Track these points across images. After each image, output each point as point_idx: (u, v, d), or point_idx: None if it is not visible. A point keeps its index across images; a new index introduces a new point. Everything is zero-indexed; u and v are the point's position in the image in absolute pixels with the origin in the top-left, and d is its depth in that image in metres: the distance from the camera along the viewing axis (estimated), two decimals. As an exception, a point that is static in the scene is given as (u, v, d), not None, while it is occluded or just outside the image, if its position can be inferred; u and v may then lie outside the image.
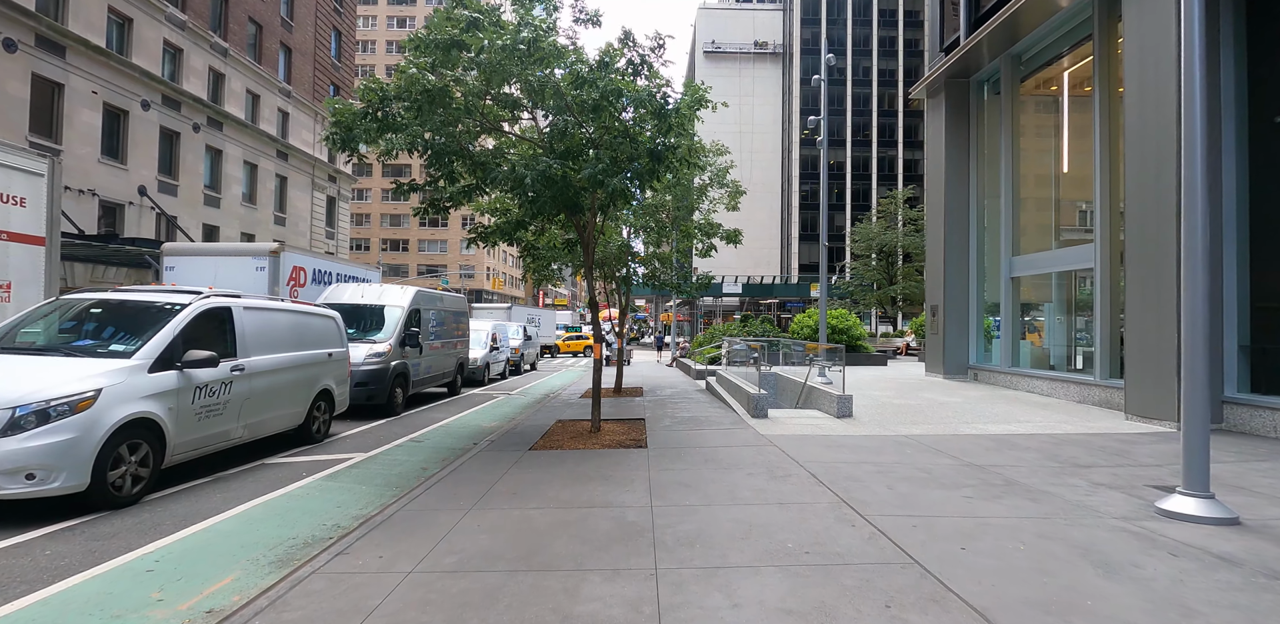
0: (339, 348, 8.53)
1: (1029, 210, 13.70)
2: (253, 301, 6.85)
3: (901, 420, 9.49)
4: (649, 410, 11.13)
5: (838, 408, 9.88)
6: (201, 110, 23.02)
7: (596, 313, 8.61)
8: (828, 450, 7.16)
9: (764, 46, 71.11)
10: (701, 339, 24.24)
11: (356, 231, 68.05)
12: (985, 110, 15.07)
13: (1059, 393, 11.69)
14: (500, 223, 9.96)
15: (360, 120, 7.45)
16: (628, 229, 14.71)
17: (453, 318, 14.28)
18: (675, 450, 7.28)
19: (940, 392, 12.89)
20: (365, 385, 10.10)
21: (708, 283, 14.54)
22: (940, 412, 10.30)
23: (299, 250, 12.90)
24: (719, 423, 9.55)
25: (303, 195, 30.28)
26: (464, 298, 15.45)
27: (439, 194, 8.45)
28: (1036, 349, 13.43)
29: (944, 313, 15.00)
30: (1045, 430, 8.58)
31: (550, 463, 6.70)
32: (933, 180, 15.85)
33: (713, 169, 15.68)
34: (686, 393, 14.49)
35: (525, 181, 6.98)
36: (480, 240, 9.95)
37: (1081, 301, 12.11)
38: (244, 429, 6.58)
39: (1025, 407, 10.75)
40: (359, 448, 8.01)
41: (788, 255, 66.55)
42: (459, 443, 8.56)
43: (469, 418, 11.05)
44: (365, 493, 5.83)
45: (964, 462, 6.61)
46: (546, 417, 10.57)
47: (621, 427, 9.27)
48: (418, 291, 11.95)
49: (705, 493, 5.32)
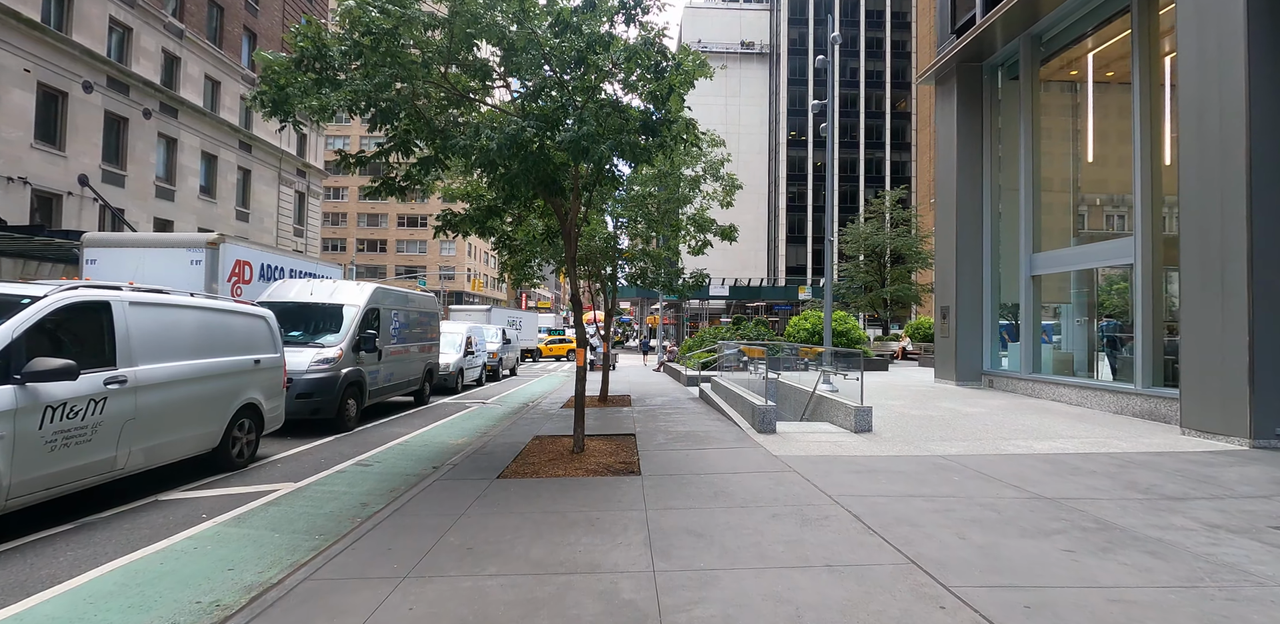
0: (270, 353, 7.12)
1: (1052, 204, 12.64)
2: (144, 296, 5.44)
3: (929, 436, 8.28)
4: (639, 423, 9.83)
5: (855, 421, 8.66)
6: (153, 95, 21.35)
7: (580, 313, 7.31)
8: (860, 478, 5.90)
9: (750, 46, 70.41)
10: (691, 343, 23.00)
11: (332, 231, 66.01)
12: (1000, 97, 14.03)
13: (1091, 402, 10.58)
14: (471, 210, 8.65)
15: (293, 74, 6.10)
16: (614, 222, 13.42)
17: (421, 319, 12.87)
18: (675, 479, 5.98)
19: (958, 400, 11.74)
20: (310, 397, 8.67)
21: (702, 281, 13.30)
22: (968, 425, 9.12)
23: (244, 242, 11.42)
24: (721, 440, 8.27)
25: (268, 190, 28.59)
26: (434, 297, 14.04)
27: (392, 169, 7.10)
28: (1060, 354, 12.35)
29: (955, 315, 13.90)
30: (1098, 449, 7.41)
31: (522, 497, 5.37)
32: (943, 173, 14.77)
33: (706, 160, 14.43)
34: (679, 402, 13.20)
35: (492, 149, 5.66)
36: (448, 230, 8.63)
37: (1116, 301, 11.04)
38: (133, 457, 5.17)
39: (1059, 419, 9.61)
40: (290, 475, 6.60)
41: (774, 258, 65.70)
42: (415, 467, 7.18)
43: (434, 433, 9.65)
44: (275, 545, 4.45)
45: (1029, 493, 5.40)
46: (523, 432, 9.22)
47: (609, 445, 7.95)
48: (376, 289, 10.53)
49: (724, 547, 4.02)
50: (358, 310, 9.85)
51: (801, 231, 64.32)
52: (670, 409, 11.79)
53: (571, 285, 7.35)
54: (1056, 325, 12.61)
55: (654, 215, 13.75)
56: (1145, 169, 9.80)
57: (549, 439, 8.50)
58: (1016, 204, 13.06)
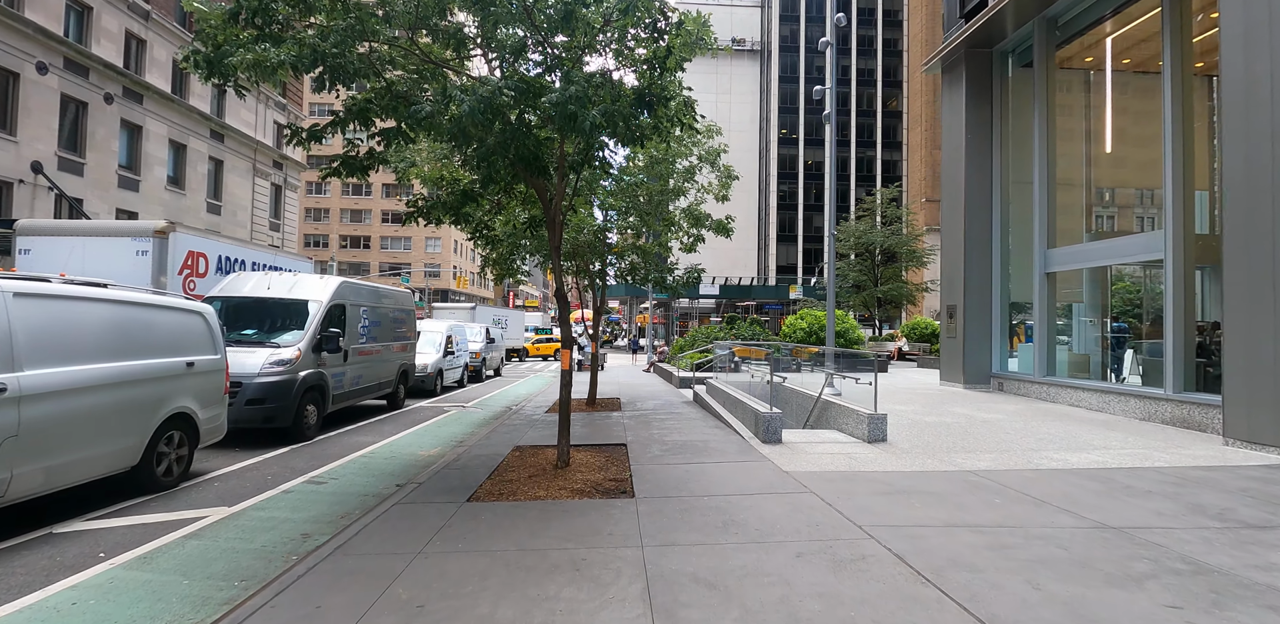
0: (207, 355, 6.19)
1: (1069, 197, 11.93)
2: (34, 286, 4.50)
3: (950, 446, 7.51)
4: (630, 431, 8.98)
5: (868, 430, 7.87)
6: (116, 79, 20.16)
7: (565, 310, 6.45)
8: (890, 502, 5.09)
9: (741, 43, 69.69)
10: (683, 343, 22.18)
11: (314, 227, 64.55)
12: (1011, 85, 13.32)
13: (1113, 408, 9.88)
14: (445, 195, 7.78)
15: (230, 29, 5.20)
16: (603, 214, 12.57)
17: (396, 317, 11.94)
18: (675, 502, 5.14)
19: (970, 405, 11.00)
20: (262, 403, 7.73)
21: (698, 278, 12.47)
22: (988, 433, 8.37)
23: (198, 231, 10.43)
24: (722, 451, 7.44)
25: (242, 182, 27.38)
26: (410, 294, 13.10)
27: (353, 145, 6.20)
28: (1075, 356, 11.66)
29: (963, 314, 13.18)
30: (1141, 462, 6.67)
31: (494, 527, 4.50)
32: (950, 165, 14.06)
33: (703, 149, 13.59)
34: (672, 405, 12.37)
35: (463, 114, 4.78)
36: (419, 217, 7.76)
37: (1141, 299, 10.35)
38: (19, 480, 4.24)
39: (1085, 426, 8.89)
40: (227, 497, 5.68)
41: (765, 256, 65.10)
42: (376, 485, 6.28)
43: (404, 443, 8.74)
44: (179, 598, 3.55)
45: (1089, 520, 4.62)
46: (502, 441, 8.35)
47: (597, 458, 7.10)
48: (342, 283, 9.58)
49: (744, 607, 3.18)
50: (320, 307, 8.91)
51: (792, 230, 63.75)
52: (663, 414, 10.95)
53: (556, 279, 6.49)
54: (1069, 325, 11.91)
55: (646, 207, 12.92)
56: (1176, 157, 9.09)
57: (530, 450, 7.63)
58: (1029, 197, 12.36)
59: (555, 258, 6.39)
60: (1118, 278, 11.33)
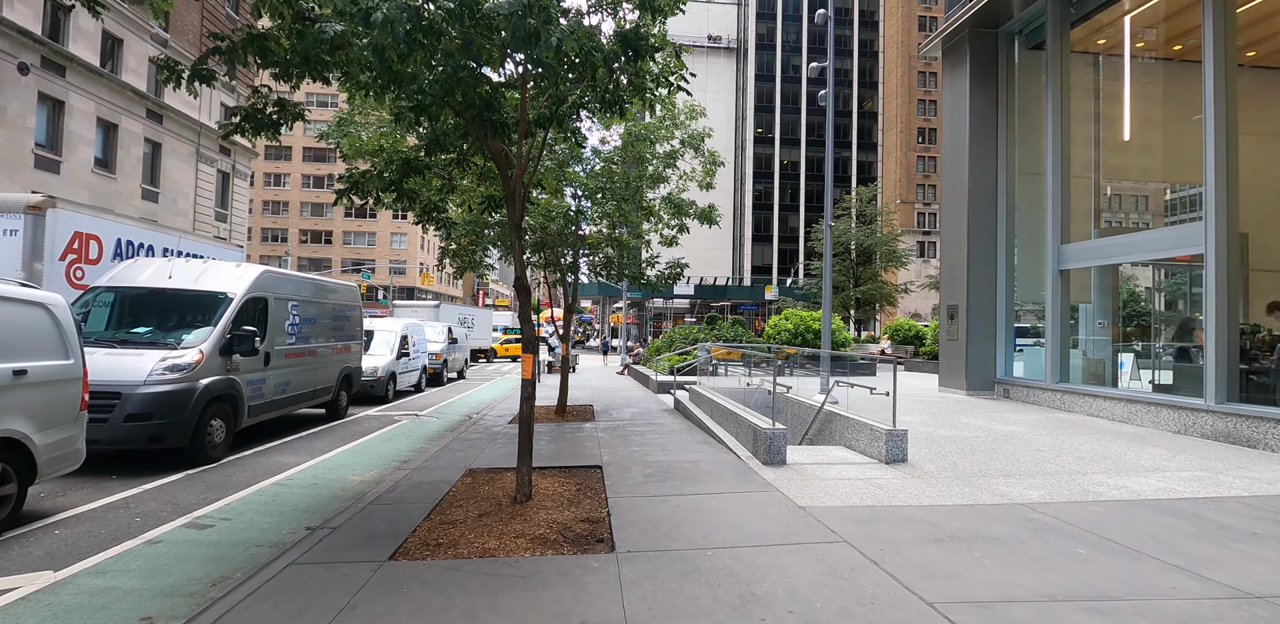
0: (52, 360, 4.69)
1: (1086, 189, 11.00)
2: None
3: (982, 468, 6.39)
4: (606, 448, 7.69)
5: (886, 449, 6.71)
6: (32, 47, 18.08)
7: (526, 303, 5.12)
8: (949, 555, 3.89)
9: (718, 41, 68.90)
10: (659, 344, 20.93)
11: (272, 221, 61.73)
12: (1019, 68, 12.38)
13: (1141, 419, 8.92)
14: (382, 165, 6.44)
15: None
16: (575, 199, 11.23)
17: (338, 314, 10.43)
18: (670, 560, 3.85)
19: (981, 415, 9.96)
20: (147, 418, 6.22)
21: (680, 273, 11.23)
22: (1018, 451, 7.28)
23: (93, 211, 8.80)
24: (718, 475, 6.19)
25: (183, 167, 25.28)
26: (355, 288, 11.58)
27: (257, 93, 4.79)
28: (1091, 360, 10.73)
29: (966, 315, 12.19)
30: (1216, 490, 5.62)
31: (418, 612, 3.16)
32: (951, 156, 13.07)
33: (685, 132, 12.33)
34: (651, 414, 11.11)
35: (382, 29, 3.43)
36: (351, 194, 6.40)
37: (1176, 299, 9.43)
38: None
39: (1119, 442, 7.88)
40: (60, 554, 4.21)
41: (739, 257, 64.36)
42: (276, 530, 4.87)
43: (333, 464, 7.30)
44: None
45: (1219, 584, 3.48)
46: (454, 460, 6.98)
47: (566, 486, 5.79)
48: (263, 273, 8.06)
49: None
50: (234, 300, 7.39)
51: (768, 230, 63.12)
52: (643, 425, 9.68)
53: (516, 264, 5.16)
54: (1084, 328, 10.99)
55: (624, 193, 11.62)
56: (1219, 142, 8.15)
57: (486, 476, 6.28)
58: (1040, 189, 11.41)
59: (515, 238, 5.07)
60: (1136, 277, 10.45)
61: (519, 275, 5.18)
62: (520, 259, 5.22)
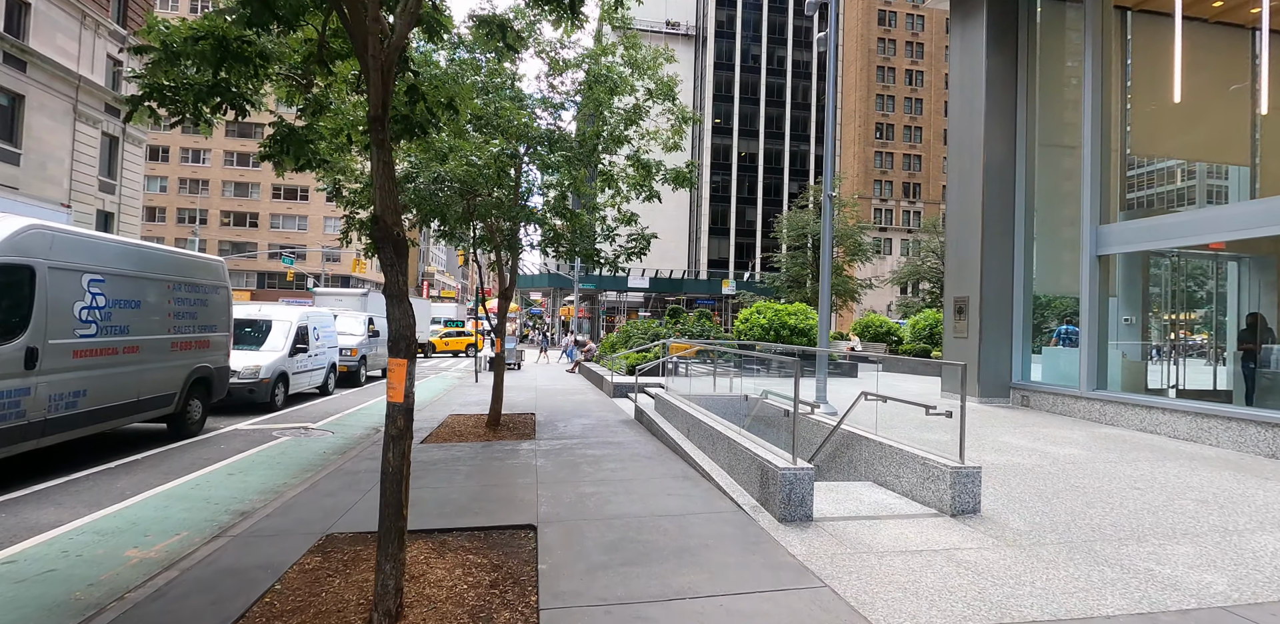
0: None
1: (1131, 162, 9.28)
2: None
3: (1091, 522, 4.42)
4: (547, 488, 5.39)
5: (953, 494, 4.65)
6: None
7: (402, 257, 2.77)
8: None
9: (676, 26, 66.78)
10: (615, 340, 18.65)
11: (190, 200, 56.34)
12: (1043, 23, 10.61)
13: (1218, 437, 7.21)
14: (184, 46, 4.00)
15: None
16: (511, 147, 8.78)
17: (187, 297, 7.74)
18: None
19: (1015, 431, 8.09)
20: None
21: (646, 245, 8.95)
22: (1106, 488, 5.35)
23: None
24: (716, 547, 3.99)
25: (58, 127, 21.42)
26: (220, 264, 8.84)
27: None
28: (1132, 363, 9.06)
29: (979, 309, 10.39)
30: None
31: None
32: (961, 124, 11.23)
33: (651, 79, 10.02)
34: (608, 427, 8.85)
35: None
36: (150, 102, 4.01)
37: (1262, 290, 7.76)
38: None
39: (1219, 471, 6.08)
40: None
41: (696, 250, 62.65)
42: None
43: (119, 523, 4.75)
44: None
45: None
46: (310, 517, 4.56)
47: (473, 576, 3.48)
48: (28, 230, 5.33)
49: None
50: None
51: (725, 223, 61.59)
52: (598, 445, 7.41)
53: (377, 198, 2.80)
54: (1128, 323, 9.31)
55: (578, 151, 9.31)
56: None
57: (349, 549, 3.91)
58: (1070, 164, 9.67)
59: (378, 137, 2.70)
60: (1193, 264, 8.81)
61: (378, 215, 2.81)
62: (384, 161, 2.84)
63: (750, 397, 6.99)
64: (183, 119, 4.48)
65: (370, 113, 2.78)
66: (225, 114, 4.42)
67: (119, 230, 24.43)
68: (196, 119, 4.44)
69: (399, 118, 4.11)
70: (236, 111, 4.33)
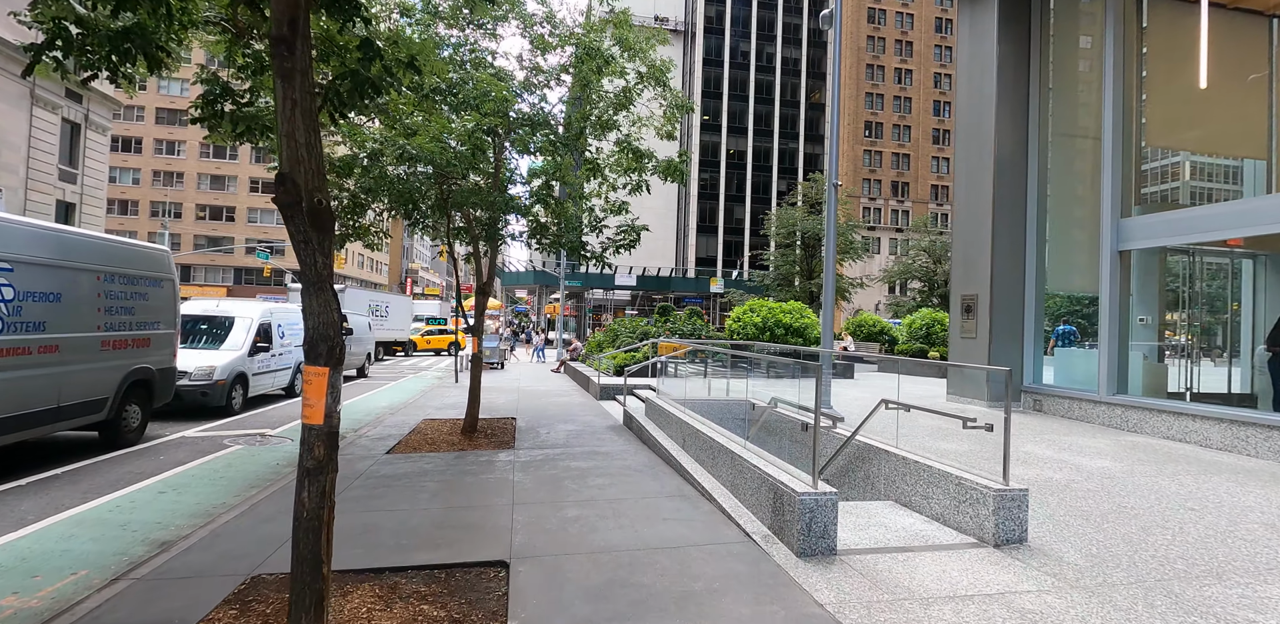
0: None
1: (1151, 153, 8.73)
2: None
3: (1155, 555, 3.80)
4: (524, 510, 4.67)
5: (996, 521, 4.01)
6: None
7: (328, 229, 2.06)
8: None
9: (665, 22, 66.01)
10: (602, 338, 17.93)
11: (164, 193, 54.68)
12: (1057, 9, 10.04)
13: (1255, 446, 6.65)
14: None
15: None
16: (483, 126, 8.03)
17: (122, 290, 6.90)
18: None
19: (1035, 439, 7.47)
20: None
21: (636, 238, 8.27)
22: (1160, 510, 4.74)
23: None
24: (724, 590, 3.29)
25: (11, 112, 20.27)
26: (164, 253, 8.00)
27: None
28: (1154, 367, 8.51)
29: (990, 308, 9.80)
30: None
31: None
32: (970, 111, 10.64)
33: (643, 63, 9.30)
34: (595, 433, 8.14)
35: None
36: (53, 51, 3.20)
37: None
38: None
39: (1263, 485, 5.50)
40: None
41: (684, 248, 62.01)
42: None
43: (2, 560, 3.96)
44: None
45: None
46: (242, 550, 3.80)
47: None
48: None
49: None
50: None
51: (713, 221, 60.99)
52: (583, 457, 6.69)
53: (281, 146, 2.06)
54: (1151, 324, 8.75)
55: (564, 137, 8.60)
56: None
57: (276, 596, 3.14)
58: (1089, 154, 9.10)
59: (283, 65, 1.97)
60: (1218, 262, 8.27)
61: (284, 172, 2.08)
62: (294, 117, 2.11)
63: (757, 404, 6.30)
64: (95, 73, 3.72)
65: (274, 31, 2.05)
66: (140, 69, 3.68)
67: (80, 222, 23.25)
68: (115, 74, 3.67)
69: (347, 73, 3.37)
70: (151, 64, 3.58)
